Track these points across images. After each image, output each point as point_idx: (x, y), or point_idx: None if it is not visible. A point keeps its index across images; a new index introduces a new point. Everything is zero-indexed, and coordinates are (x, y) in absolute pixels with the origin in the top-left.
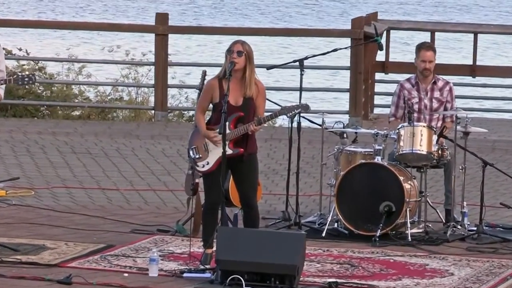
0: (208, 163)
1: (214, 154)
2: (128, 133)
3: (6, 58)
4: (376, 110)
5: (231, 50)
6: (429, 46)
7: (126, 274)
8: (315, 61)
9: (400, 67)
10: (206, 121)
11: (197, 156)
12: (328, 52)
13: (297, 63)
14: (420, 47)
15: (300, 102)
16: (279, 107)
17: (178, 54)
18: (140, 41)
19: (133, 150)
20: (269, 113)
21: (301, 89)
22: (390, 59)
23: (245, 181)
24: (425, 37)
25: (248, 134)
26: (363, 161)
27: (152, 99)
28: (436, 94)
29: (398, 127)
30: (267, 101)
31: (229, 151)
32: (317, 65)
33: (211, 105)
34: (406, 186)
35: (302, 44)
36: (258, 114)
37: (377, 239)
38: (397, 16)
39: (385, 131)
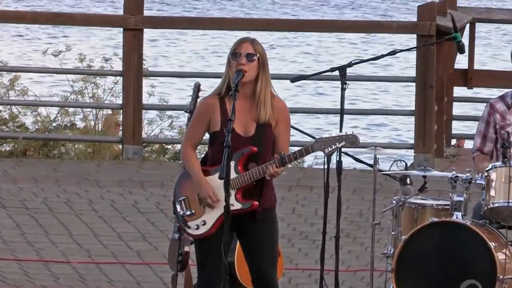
0: (204, 223)
1: (214, 210)
2: (84, 177)
3: None
4: (455, 143)
5: (237, 53)
6: None
7: None
8: (363, 69)
9: (491, 78)
10: (200, 160)
11: (188, 213)
12: (382, 56)
13: (337, 73)
14: None
15: (342, 132)
16: (311, 139)
17: (157, 59)
18: (101, 40)
19: (91, 202)
20: (298, 148)
21: (342, 112)
22: (476, 67)
23: (259, 250)
24: None
25: (265, 179)
26: (435, 219)
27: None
28: None
29: (487, 169)
30: (292, 130)
31: (236, 205)
32: (366, 75)
33: (206, 135)
34: (499, 256)
35: (344, 44)
36: (279, 149)
37: None
38: (486, 2)
39: (468, 175)
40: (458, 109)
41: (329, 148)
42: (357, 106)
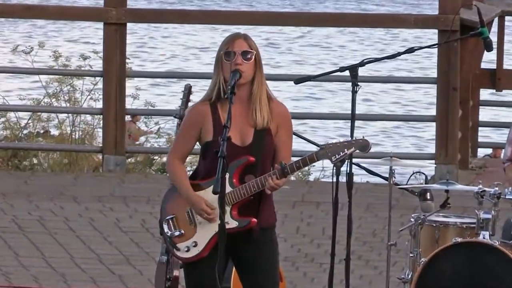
0: (195, 245)
1: (206, 229)
2: (59, 192)
3: None
4: (482, 152)
5: (230, 52)
6: None
7: None
8: (376, 69)
9: None
10: (190, 175)
11: (177, 233)
12: (399, 54)
13: (347, 73)
14: None
15: (352, 137)
16: (316, 148)
17: (143, 58)
18: (79, 36)
19: (67, 220)
20: (300, 158)
21: (353, 117)
22: (506, 66)
23: (257, 274)
24: None
25: (263, 194)
26: (458, 239)
27: (99, 134)
28: None
29: None
30: (295, 137)
31: (231, 223)
32: (380, 75)
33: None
34: None
35: (354, 40)
36: (280, 159)
37: None
38: None
39: (497, 189)
40: (485, 114)
41: (336, 156)
42: (371, 110)
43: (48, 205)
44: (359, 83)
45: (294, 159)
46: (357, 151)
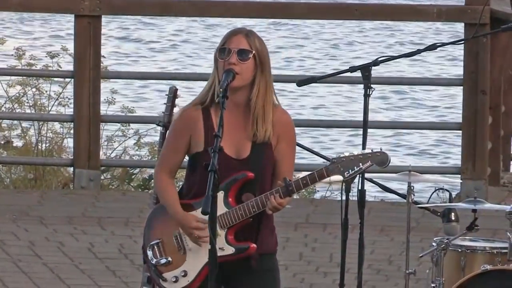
0: (185, 274)
1: (198, 256)
2: (23, 212)
3: None
4: None
5: (225, 49)
6: None
7: None
8: (392, 68)
9: None
10: (178, 190)
11: (163, 261)
12: (419, 52)
13: (358, 73)
14: None
15: (366, 149)
16: (325, 161)
17: (120, 57)
18: (47, 31)
19: (32, 245)
20: (306, 173)
21: (365, 124)
22: None
23: None
24: None
25: (264, 215)
26: (488, 266)
27: (70, 144)
28: None
29: None
30: (299, 149)
31: (227, 249)
32: (397, 76)
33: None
34: None
35: (368, 34)
36: (280, 174)
37: None
38: None
39: None
40: None
41: (350, 171)
42: (385, 118)
43: (11, 227)
44: (372, 85)
45: (299, 176)
46: (374, 165)
